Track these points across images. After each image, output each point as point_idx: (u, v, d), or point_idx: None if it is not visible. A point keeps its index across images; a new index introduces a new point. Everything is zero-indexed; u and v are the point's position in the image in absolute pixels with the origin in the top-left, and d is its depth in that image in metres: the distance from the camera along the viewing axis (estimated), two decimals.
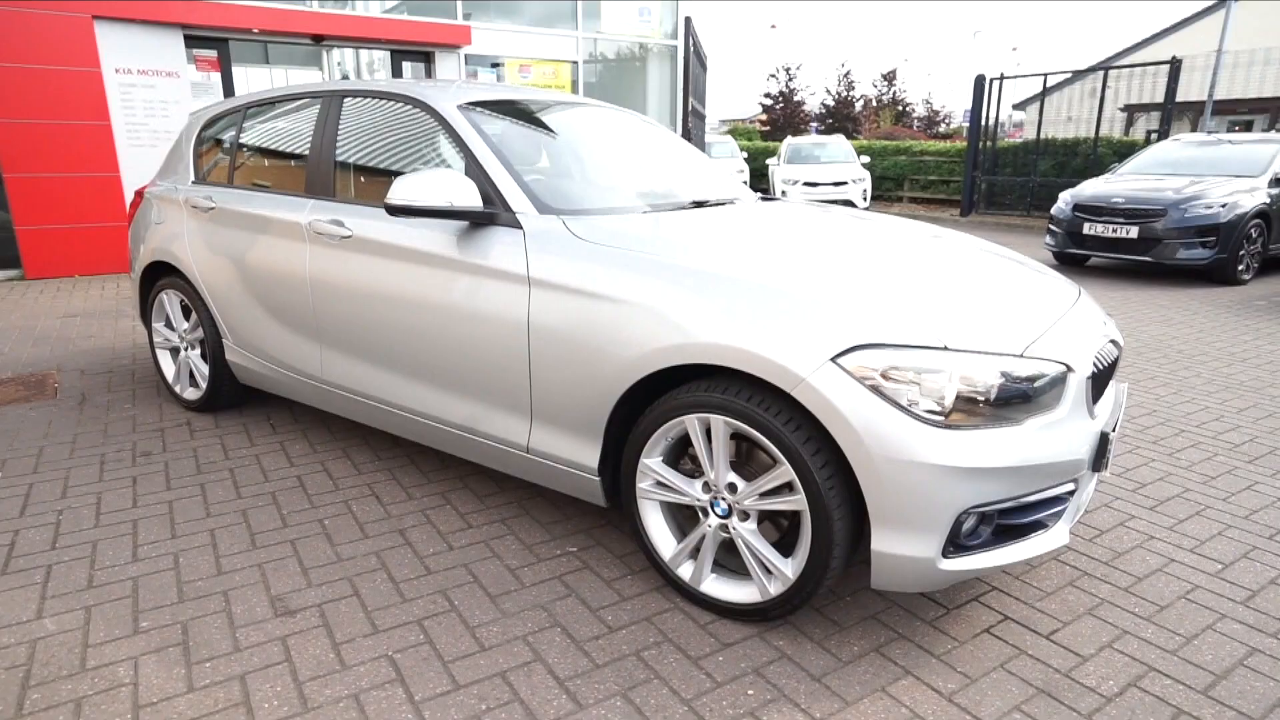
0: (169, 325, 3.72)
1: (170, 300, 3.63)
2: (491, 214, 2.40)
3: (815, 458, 1.83)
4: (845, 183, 13.98)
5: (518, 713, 1.75)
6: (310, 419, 3.60)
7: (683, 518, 2.24)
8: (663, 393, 2.20)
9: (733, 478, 2.01)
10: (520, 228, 2.35)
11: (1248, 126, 22.09)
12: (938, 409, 1.76)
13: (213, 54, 7.97)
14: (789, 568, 1.95)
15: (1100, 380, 2.10)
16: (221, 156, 3.50)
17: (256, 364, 3.29)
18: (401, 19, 8.68)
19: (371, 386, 2.81)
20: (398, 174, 2.85)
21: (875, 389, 1.76)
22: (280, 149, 3.28)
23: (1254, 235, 7.55)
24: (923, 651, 1.98)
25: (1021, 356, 1.85)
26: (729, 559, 2.16)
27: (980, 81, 13.12)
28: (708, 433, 2.02)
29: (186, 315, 3.61)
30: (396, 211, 2.35)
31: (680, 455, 2.18)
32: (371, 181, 2.89)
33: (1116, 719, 1.74)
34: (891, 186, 17.50)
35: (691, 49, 9.85)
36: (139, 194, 3.93)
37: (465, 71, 9.33)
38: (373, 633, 2.03)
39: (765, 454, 1.98)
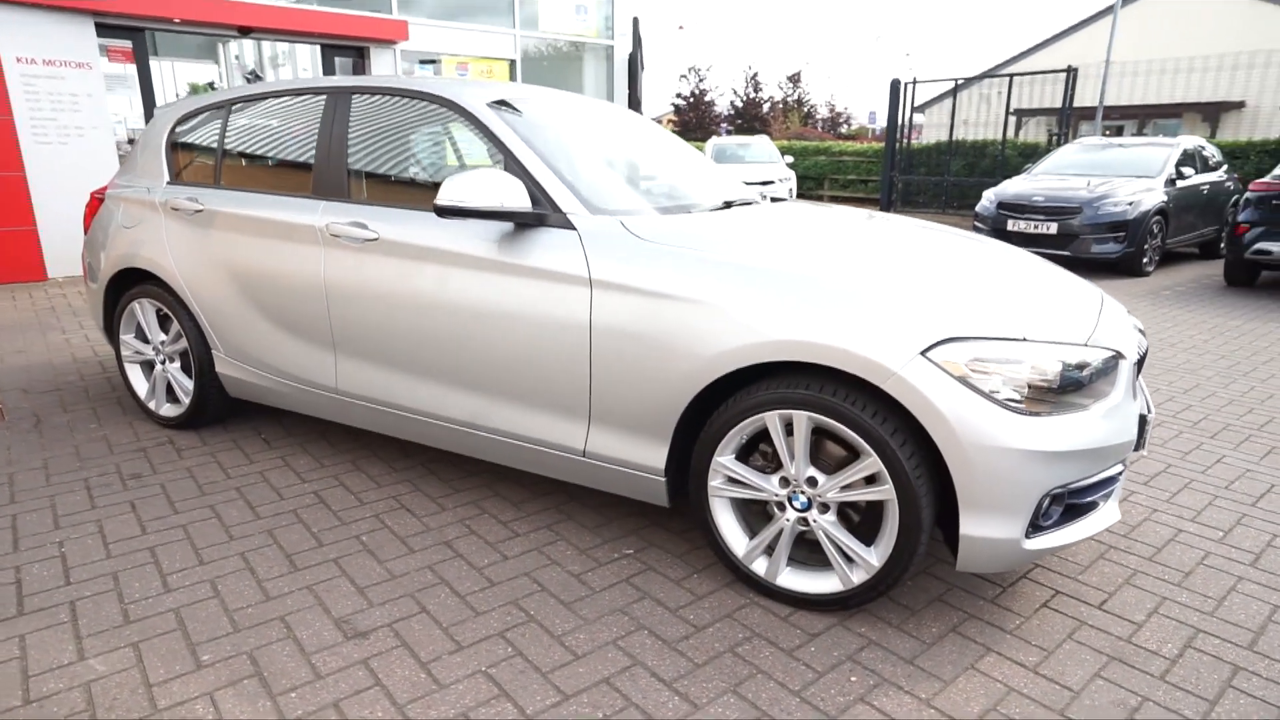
0: (141, 337, 3.45)
1: (144, 310, 3.36)
2: (541, 215, 2.35)
3: (904, 448, 1.90)
4: (772, 182, 14.31)
5: (637, 717, 1.73)
6: (306, 432, 3.42)
7: (750, 513, 2.27)
8: (727, 391, 2.23)
9: (812, 471, 2.06)
10: (573, 228, 2.32)
11: (1118, 131, 24.03)
12: (1018, 397, 1.87)
13: (127, 45, 7.40)
14: (874, 556, 2.01)
15: (1136, 367, 2.27)
16: (204, 155, 3.27)
17: (254, 375, 3.10)
18: (336, 11, 8.30)
19: (400, 395, 2.70)
20: (422, 175, 2.75)
21: (963, 380, 1.85)
22: (278, 147, 3.09)
23: (1155, 231, 8.25)
24: (995, 629, 2.09)
25: (1086, 345, 1.98)
26: (796, 551, 2.20)
27: (896, 86, 13.74)
28: (787, 428, 2.05)
29: (164, 326, 3.36)
30: (446, 213, 2.28)
31: (750, 452, 2.21)
32: (395, 182, 2.77)
33: (1185, 679, 1.89)
34: (812, 185, 18.09)
35: (636, 48, 9.88)
36: (96, 196, 3.63)
37: (401, 69, 9.03)
38: (457, 649, 1.96)
39: (846, 447, 2.04)
